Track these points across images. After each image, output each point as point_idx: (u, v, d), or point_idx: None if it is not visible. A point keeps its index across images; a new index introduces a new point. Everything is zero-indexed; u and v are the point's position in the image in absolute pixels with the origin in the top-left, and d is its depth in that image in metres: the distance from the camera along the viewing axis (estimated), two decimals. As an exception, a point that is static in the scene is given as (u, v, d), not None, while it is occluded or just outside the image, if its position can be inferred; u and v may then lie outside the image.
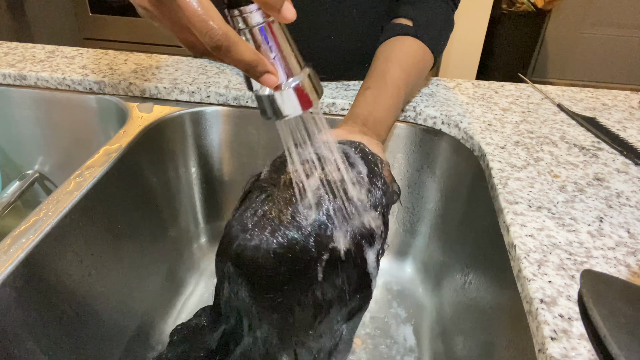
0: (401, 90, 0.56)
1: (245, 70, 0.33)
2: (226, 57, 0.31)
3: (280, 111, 0.35)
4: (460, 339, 0.57)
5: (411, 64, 0.59)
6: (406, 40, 0.61)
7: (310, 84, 0.36)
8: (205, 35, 0.30)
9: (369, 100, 0.53)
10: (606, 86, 2.53)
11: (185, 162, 0.71)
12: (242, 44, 0.31)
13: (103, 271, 0.54)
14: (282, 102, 0.35)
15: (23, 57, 0.77)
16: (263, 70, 0.33)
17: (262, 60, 0.33)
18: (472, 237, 0.58)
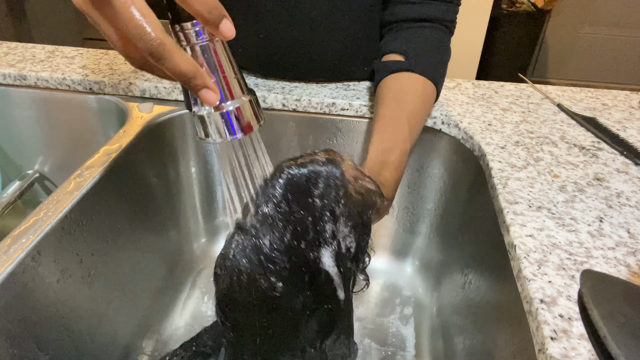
0: (404, 127, 0.52)
1: (183, 82, 0.31)
2: (162, 65, 0.30)
3: (216, 133, 0.34)
4: (460, 339, 0.57)
5: (410, 98, 0.56)
6: (401, 77, 0.58)
7: (250, 109, 0.35)
8: (140, 40, 0.29)
9: (378, 160, 0.50)
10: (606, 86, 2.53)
11: (185, 162, 0.71)
12: (180, 53, 0.30)
13: (103, 271, 0.54)
14: (218, 124, 0.34)
15: (23, 57, 0.77)
16: (202, 84, 0.32)
17: (201, 73, 0.32)
18: (472, 237, 0.58)
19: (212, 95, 0.32)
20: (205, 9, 0.30)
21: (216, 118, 0.34)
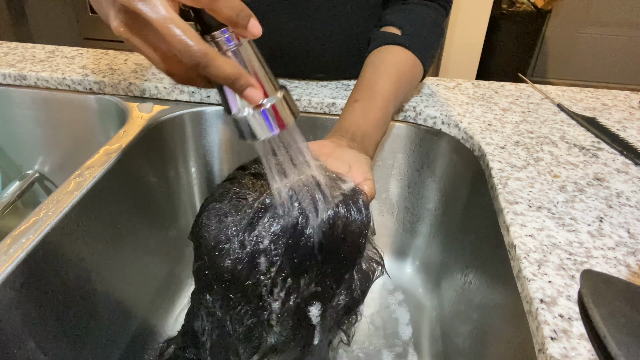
0: (390, 103, 0.55)
1: (228, 84, 0.33)
2: (209, 72, 0.32)
3: (258, 132, 0.35)
4: (460, 339, 0.57)
5: (401, 74, 0.58)
6: (395, 50, 0.59)
7: (286, 104, 0.36)
8: (185, 54, 0.31)
9: (358, 113, 0.52)
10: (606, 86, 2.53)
11: (185, 162, 0.71)
12: (222, 58, 0.32)
13: (103, 271, 0.54)
14: (259, 123, 0.35)
15: (23, 57, 0.77)
16: (246, 83, 0.33)
17: (244, 74, 0.33)
18: (472, 237, 0.58)
19: (257, 92, 0.34)
20: (234, 13, 0.32)
21: (257, 117, 0.35)
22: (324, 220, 0.37)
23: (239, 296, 0.38)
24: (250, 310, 0.39)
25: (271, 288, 0.38)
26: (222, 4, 0.32)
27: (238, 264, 0.37)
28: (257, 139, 0.36)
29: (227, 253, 0.37)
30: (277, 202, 0.37)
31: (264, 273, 0.37)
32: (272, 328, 0.40)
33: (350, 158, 0.43)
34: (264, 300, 0.38)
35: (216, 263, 0.37)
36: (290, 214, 0.36)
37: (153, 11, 0.31)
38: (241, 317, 0.39)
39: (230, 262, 0.37)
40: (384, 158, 0.69)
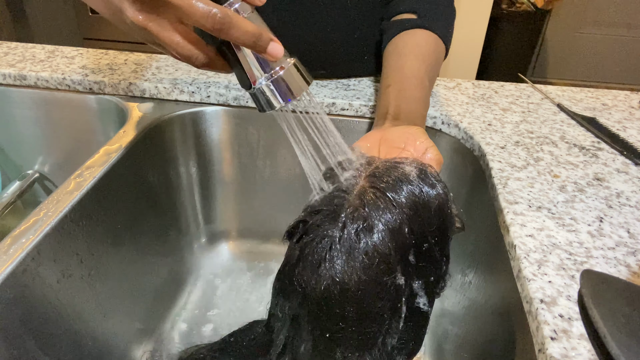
0: (425, 81, 0.53)
1: (251, 44, 0.34)
2: (231, 34, 0.33)
3: (278, 99, 0.36)
4: (460, 339, 0.57)
5: (426, 54, 0.57)
6: (416, 33, 0.59)
7: (298, 70, 0.37)
8: (208, 19, 0.32)
9: (393, 95, 0.51)
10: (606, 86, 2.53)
11: (185, 162, 0.71)
12: (243, 19, 0.33)
13: (103, 271, 0.54)
14: (279, 88, 0.36)
15: (23, 57, 0.77)
16: (268, 38, 0.34)
17: (265, 30, 0.34)
18: (472, 237, 0.58)
19: (279, 46, 0.35)
20: None
21: (279, 81, 0.36)
22: (403, 209, 0.35)
23: (361, 320, 0.36)
24: (377, 329, 0.37)
25: (396, 295, 0.36)
26: None
27: (362, 288, 0.34)
28: (279, 105, 0.36)
29: (346, 284, 0.34)
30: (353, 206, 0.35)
31: (388, 283, 0.35)
32: (394, 335, 0.38)
33: (401, 135, 0.42)
34: (392, 311, 0.36)
35: (335, 299, 0.34)
36: (371, 216, 0.35)
37: None
38: (369, 340, 0.37)
39: (356, 289, 0.34)
40: (384, 158, 0.69)
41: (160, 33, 0.35)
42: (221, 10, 0.32)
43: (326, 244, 0.35)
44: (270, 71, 0.36)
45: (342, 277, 0.34)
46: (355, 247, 0.34)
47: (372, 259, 0.34)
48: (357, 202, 0.35)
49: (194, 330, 0.66)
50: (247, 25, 0.33)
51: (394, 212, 0.35)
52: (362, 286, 0.34)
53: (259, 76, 0.36)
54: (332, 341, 0.37)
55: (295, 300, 0.37)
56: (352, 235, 0.34)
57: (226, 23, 0.32)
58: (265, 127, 0.69)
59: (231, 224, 0.79)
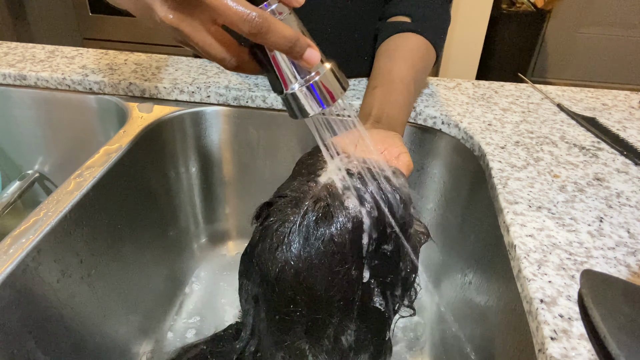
0: (410, 86, 0.54)
1: (287, 49, 0.33)
2: (268, 38, 0.32)
3: (310, 107, 0.35)
4: (460, 339, 0.57)
5: (416, 59, 0.58)
6: (408, 37, 0.60)
7: (334, 76, 0.36)
8: (245, 22, 0.31)
9: (379, 98, 0.52)
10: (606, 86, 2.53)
11: (185, 162, 0.71)
12: (281, 23, 0.32)
13: (103, 271, 0.54)
14: (313, 95, 0.35)
15: (23, 57, 0.77)
16: (305, 44, 0.33)
17: (302, 35, 0.33)
18: (472, 237, 0.58)
19: (316, 53, 0.34)
20: None
21: (313, 87, 0.35)
22: (365, 206, 0.37)
23: (313, 309, 0.37)
24: (327, 318, 0.38)
25: (348, 287, 0.37)
26: None
27: (317, 274, 0.36)
28: (312, 113, 0.35)
29: (302, 268, 0.35)
30: (336, 192, 0.36)
31: (340, 274, 0.36)
32: (347, 331, 0.39)
33: (379, 139, 0.43)
34: (343, 303, 0.37)
35: (288, 281, 0.36)
36: (333, 207, 0.36)
37: None
38: (318, 328, 0.38)
39: (312, 276, 0.36)
40: (384, 158, 0.69)
41: (192, 34, 0.33)
42: (259, 14, 0.31)
43: (286, 228, 0.36)
44: (305, 76, 0.34)
45: (296, 261, 0.35)
46: (313, 234, 0.35)
47: (327, 247, 0.35)
48: (322, 193, 0.37)
49: (194, 330, 0.66)
50: (284, 30, 0.32)
51: (355, 208, 0.36)
52: (315, 272, 0.36)
53: (293, 81, 0.35)
54: (284, 323, 0.38)
55: (255, 280, 0.39)
56: (311, 222, 0.35)
57: (264, 27, 0.31)
58: (265, 127, 0.69)
59: (231, 224, 0.79)
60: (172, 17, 0.33)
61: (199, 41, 0.34)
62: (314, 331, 0.39)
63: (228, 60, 0.35)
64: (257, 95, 0.67)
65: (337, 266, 0.36)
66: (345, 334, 0.40)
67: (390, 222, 0.37)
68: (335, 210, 0.36)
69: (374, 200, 0.37)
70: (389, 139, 0.43)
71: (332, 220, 0.36)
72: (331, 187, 0.37)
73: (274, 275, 0.36)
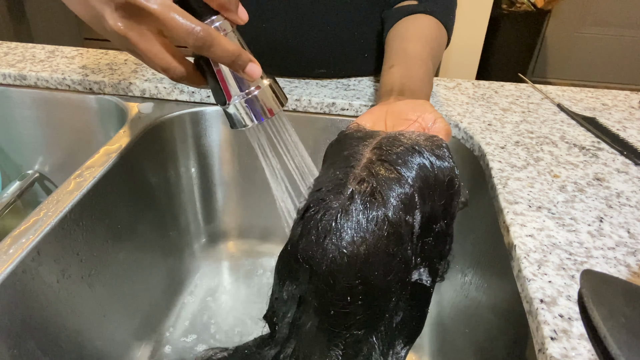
0: (428, 62, 0.52)
1: (230, 62, 0.35)
2: (212, 51, 0.34)
3: (250, 118, 0.37)
4: (460, 339, 0.57)
5: (429, 37, 0.57)
6: (418, 18, 0.59)
7: (273, 92, 0.38)
8: (190, 35, 0.32)
9: (397, 75, 0.50)
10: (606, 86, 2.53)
11: (185, 162, 0.71)
12: (224, 38, 0.34)
13: (103, 271, 0.54)
14: (251, 109, 0.37)
15: (23, 57, 0.77)
16: (247, 59, 0.35)
17: (244, 50, 0.35)
18: (472, 237, 0.58)
19: (257, 67, 0.36)
20: (228, 0, 0.35)
21: (248, 104, 0.37)
22: (413, 180, 0.34)
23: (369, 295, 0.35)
24: (385, 304, 0.36)
25: (405, 268, 0.35)
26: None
27: (372, 257, 0.33)
28: (252, 123, 0.37)
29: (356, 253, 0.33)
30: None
31: (398, 255, 0.34)
32: (399, 312, 0.38)
33: (408, 107, 0.41)
34: (400, 285, 0.35)
35: (343, 271, 0.33)
36: (381, 185, 0.34)
37: (153, 2, 0.32)
38: (376, 316, 0.36)
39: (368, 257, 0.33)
40: (384, 158, 0.69)
41: (139, 43, 0.35)
42: (203, 28, 0.33)
43: (331, 215, 0.33)
44: (246, 90, 0.37)
45: (350, 248, 0.33)
46: (365, 217, 0.33)
47: (382, 228, 0.33)
48: (364, 174, 0.35)
49: (194, 330, 0.66)
50: (227, 44, 0.34)
51: (403, 183, 0.34)
52: (371, 258, 0.33)
53: (234, 94, 0.37)
54: (338, 318, 0.36)
55: (301, 278, 0.36)
56: (359, 205, 0.33)
57: (207, 41, 0.33)
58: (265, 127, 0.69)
59: (231, 224, 0.79)
60: (121, 25, 0.34)
61: (145, 50, 0.35)
62: (372, 320, 0.36)
63: (173, 70, 0.36)
64: (257, 95, 0.67)
65: (394, 247, 0.34)
66: (397, 317, 0.38)
67: (440, 195, 0.35)
68: (383, 189, 0.34)
69: (421, 174, 0.35)
70: (419, 106, 0.40)
71: (383, 199, 0.33)
72: (372, 166, 0.35)
73: (326, 268, 0.33)
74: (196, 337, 0.65)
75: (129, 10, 0.33)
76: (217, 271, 0.75)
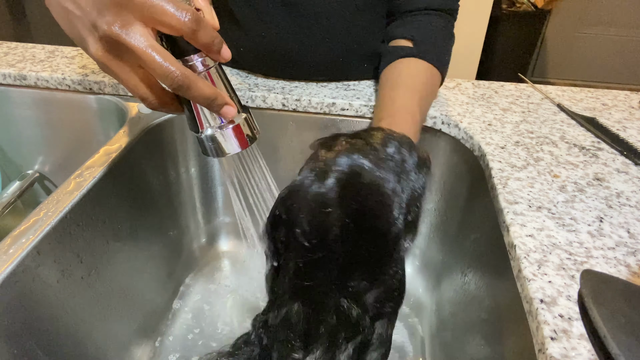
0: (416, 115, 0.54)
1: (206, 104, 0.36)
2: (188, 94, 0.35)
3: (225, 149, 0.40)
4: (460, 339, 0.57)
5: (420, 85, 0.57)
6: (410, 62, 0.59)
7: (248, 125, 0.40)
8: (168, 78, 0.33)
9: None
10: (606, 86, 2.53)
11: (185, 162, 0.71)
12: (201, 80, 0.35)
13: (103, 271, 0.54)
14: (226, 140, 0.39)
15: (23, 57, 0.77)
16: (222, 102, 0.37)
17: (220, 93, 0.36)
18: (472, 237, 0.58)
19: (232, 109, 0.38)
20: (211, 40, 0.35)
21: (223, 135, 0.39)
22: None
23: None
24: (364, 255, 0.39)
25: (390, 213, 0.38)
26: (202, 33, 0.34)
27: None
28: (223, 155, 0.40)
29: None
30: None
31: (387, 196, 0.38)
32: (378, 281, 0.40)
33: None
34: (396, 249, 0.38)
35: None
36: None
37: (135, 40, 0.33)
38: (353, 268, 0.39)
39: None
40: (384, 158, 0.69)
41: (119, 74, 0.36)
42: (181, 72, 0.33)
43: (314, 175, 0.38)
44: (219, 123, 0.39)
45: (341, 183, 0.37)
46: (353, 165, 0.37)
47: (372, 175, 0.37)
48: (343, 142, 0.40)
49: (194, 330, 0.66)
50: (204, 88, 0.35)
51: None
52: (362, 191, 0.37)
53: (208, 126, 0.39)
54: (318, 265, 0.39)
55: (289, 224, 0.39)
56: (343, 161, 0.38)
57: (185, 84, 0.34)
58: (265, 127, 0.69)
59: (231, 224, 0.79)
60: (102, 55, 0.35)
61: (124, 81, 0.36)
62: (347, 271, 0.39)
63: (149, 101, 0.38)
64: (257, 95, 0.67)
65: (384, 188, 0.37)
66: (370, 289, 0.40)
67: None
68: (362, 145, 0.38)
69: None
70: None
71: (365, 151, 0.37)
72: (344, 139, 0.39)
73: (317, 204, 0.37)
74: (196, 337, 0.65)
75: (111, 43, 0.34)
76: (217, 271, 0.75)
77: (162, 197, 0.68)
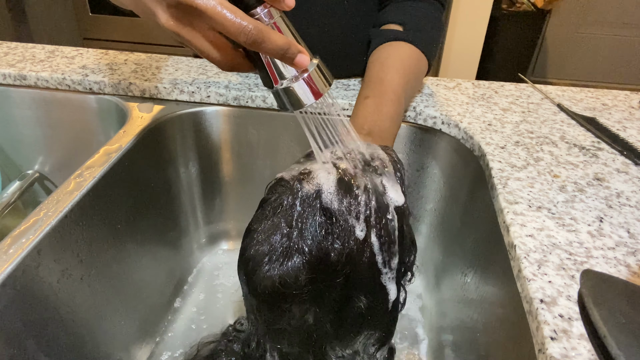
0: (401, 97, 0.54)
1: (280, 56, 0.36)
2: (262, 47, 0.34)
3: (301, 100, 0.38)
4: (460, 339, 0.57)
5: (407, 68, 0.58)
6: (400, 46, 0.60)
7: (321, 72, 0.39)
8: (241, 34, 0.33)
9: (370, 109, 0.52)
10: (606, 86, 2.53)
11: (185, 162, 0.71)
12: (274, 32, 0.35)
13: (103, 271, 0.54)
14: (301, 90, 0.38)
15: (23, 57, 0.77)
16: (296, 50, 0.36)
17: (293, 42, 0.36)
18: (472, 237, 0.58)
19: (306, 57, 0.37)
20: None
21: (301, 84, 0.38)
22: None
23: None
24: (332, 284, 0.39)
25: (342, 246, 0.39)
26: None
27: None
28: (301, 107, 0.38)
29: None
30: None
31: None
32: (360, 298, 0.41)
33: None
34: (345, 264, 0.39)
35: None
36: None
37: (204, 0, 0.33)
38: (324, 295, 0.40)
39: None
40: (384, 158, 0.69)
41: (191, 39, 0.36)
42: (254, 26, 0.33)
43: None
44: (294, 73, 0.37)
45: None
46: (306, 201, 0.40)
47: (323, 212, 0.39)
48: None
49: (194, 329, 0.66)
50: (277, 40, 0.34)
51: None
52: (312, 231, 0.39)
53: (283, 78, 0.38)
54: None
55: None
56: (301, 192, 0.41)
57: (259, 38, 0.34)
58: (265, 127, 0.69)
59: (231, 224, 0.79)
60: (172, 24, 0.35)
61: (197, 46, 0.36)
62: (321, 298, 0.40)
63: (224, 63, 0.38)
64: (257, 95, 0.67)
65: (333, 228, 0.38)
66: (352, 308, 0.41)
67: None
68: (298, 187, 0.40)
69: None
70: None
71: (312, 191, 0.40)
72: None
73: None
74: (196, 337, 0.65)
75: (181, 8, 0.34)
76: (216, 271, 0.75)
77: (162, 197, 0.68)
